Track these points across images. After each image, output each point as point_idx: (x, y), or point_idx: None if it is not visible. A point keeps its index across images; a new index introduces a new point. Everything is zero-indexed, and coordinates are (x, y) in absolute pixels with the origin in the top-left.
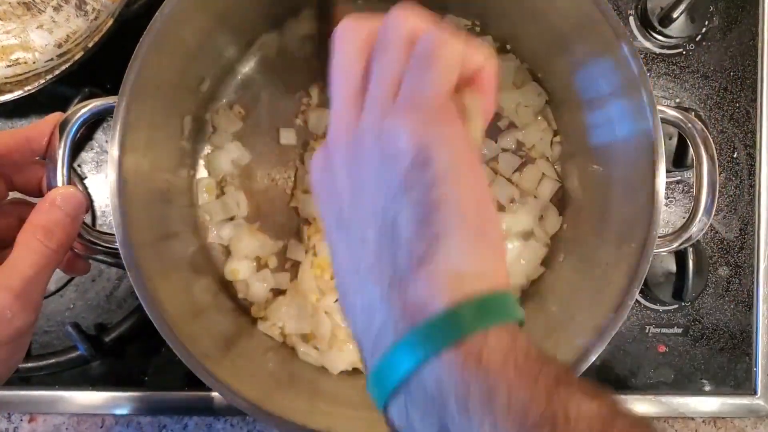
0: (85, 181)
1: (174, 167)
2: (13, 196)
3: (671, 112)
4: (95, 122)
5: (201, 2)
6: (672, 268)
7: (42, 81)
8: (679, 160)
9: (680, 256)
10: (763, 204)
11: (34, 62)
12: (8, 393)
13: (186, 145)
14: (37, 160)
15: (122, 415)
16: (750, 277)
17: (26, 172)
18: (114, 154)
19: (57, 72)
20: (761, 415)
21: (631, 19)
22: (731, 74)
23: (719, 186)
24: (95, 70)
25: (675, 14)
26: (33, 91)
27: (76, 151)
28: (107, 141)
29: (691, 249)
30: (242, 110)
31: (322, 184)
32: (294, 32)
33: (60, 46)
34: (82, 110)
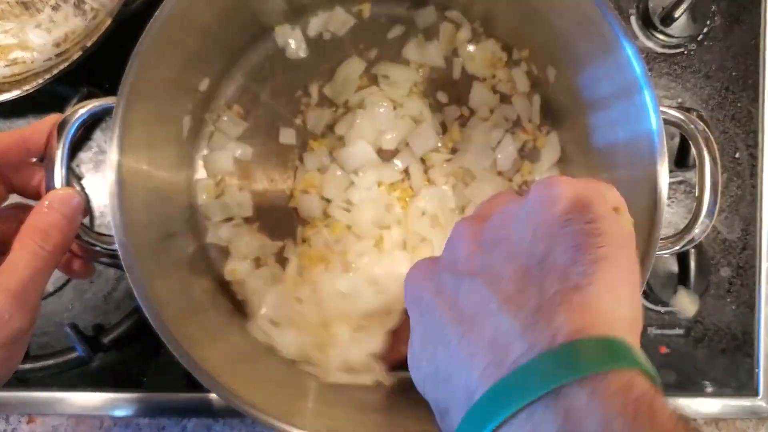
0: (83, 181)
1: (173, 167)
2: (13, 201)
3: (673, 113)
4: (93, 122)
5: (200, 1)
6: (674, 269)
7: (40, 80)
8: (681, 161)
9: (682, 257)
10: (765, 204)
11: (32, 62)
12: (6, 394)
13: (185, 145)
14: (36, 162)
15: (121, 417)
16: (752, 278)
17: (24, 173)
18: (113, 155)
19: (55, 71)
20: (763, 417)
21: (633, 19)
22: (733, 74)
23: (721, 186)
24: (93, 70)
25: (676, 14)
26: (31, 91)
27: (75, 151)
28: (106, 141)
29: (693, 250)
30: (241, 110)
31: (432, 262)
32: (294, 32)
33: (58, 46)
34: (81, 111)
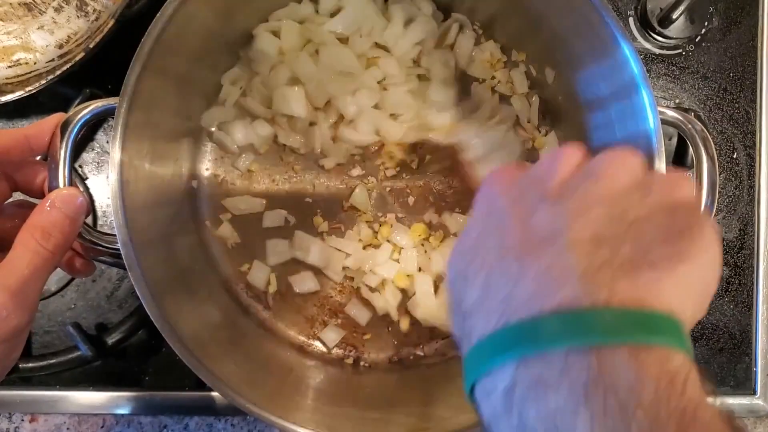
0: (87, 182)
1: (175, 167)
2: (18, 198)
3: (671, 113)
4: (96, 123)
5: (203, 2)
6: None
7: (43, 81)
8: (679, 161)
9: None
10: (763, 204)
11: (35, 63)
12: (9, 393)
13: (188, 145)
14: (39, 160)
15: (123, 415)
16: (750, 278)
17: (27, 171)
18: (115, 156)
19: (58, 72)
20: (761, 415)
21: (631, 20)
22: (731, 75)
23: (719, 186)
24: (96, 71)
25: (674, 15)
26: (34, 92)
27: (77, 152)
28: (108, 142)
29: None
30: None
31: (534, 170)
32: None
33: (61, 47)
34: (84, 111)
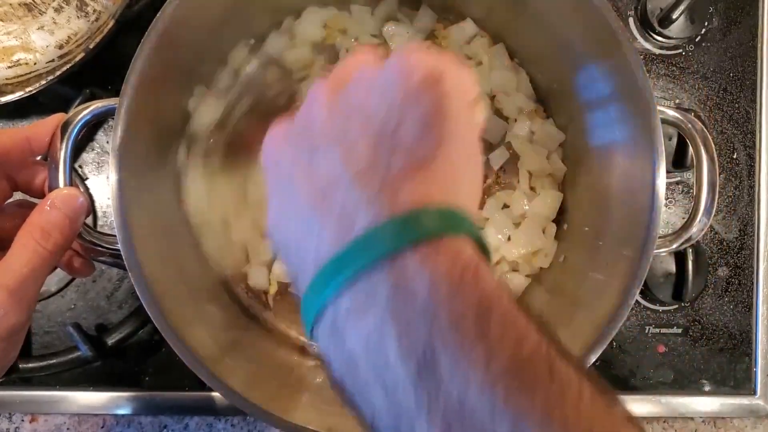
0: (87, 182)
1: (176, 168)
2: (18, 198)
3: (671, 113)
4: (96, 123)
5: (203, 2)
6: (672, 269)
7: (43, 82)
8: (679, 161)
9: (680, 257)
10: (763, 205)
11: (35, 63)
12: (9, 393)
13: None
14: (40, 160)
15: (123, 415)
16: (750, 278)
17: (28, 171)
18: (115, 156)
19: (58, 73)
20: (761, 416)
21: (631, 20)
22: (731, 75)
23: (719, 186)
24: (96, 71)
25: (674, 15)
26: (34, 92)
27: (77, 152)
28: (108, 142)
29: (691, 249)
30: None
31: (288, 127)
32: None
33: (61, 47)
34: (84, 112)
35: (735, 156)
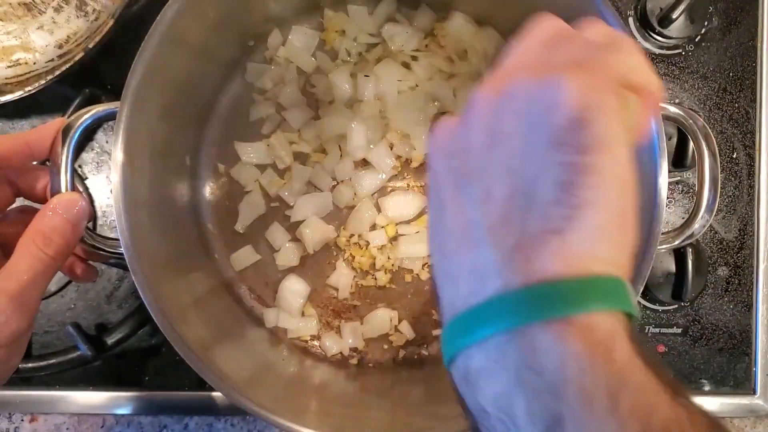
0: (86, 182)
1: (177, 168)
2: (21, 204)
3: (672, 109)
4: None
5: (204, 3)
6: (671, 269)
7: (42, 81)
8: (679, 161)
9: (680, 256)
10: (763, 204)
11: (35, 63)
12: (9, 393)
13: (189, 146)
14: (41, 165)
15: (123, 415)
16: (749, 278)
17: (29, 177)
18: (117, 159)
19: (57, 72)
20: (761, 415)
21: (631, 20)
22: (730, 75)
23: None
24: (96, 71)
25: (674, 15)
26: (33, 92)
27: (77, 152)
28: (107, 142)
29: (691, 249)
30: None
31: (450, 136)
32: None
33: (60, 47)
34: (85, 116)
35: (735, 156)
